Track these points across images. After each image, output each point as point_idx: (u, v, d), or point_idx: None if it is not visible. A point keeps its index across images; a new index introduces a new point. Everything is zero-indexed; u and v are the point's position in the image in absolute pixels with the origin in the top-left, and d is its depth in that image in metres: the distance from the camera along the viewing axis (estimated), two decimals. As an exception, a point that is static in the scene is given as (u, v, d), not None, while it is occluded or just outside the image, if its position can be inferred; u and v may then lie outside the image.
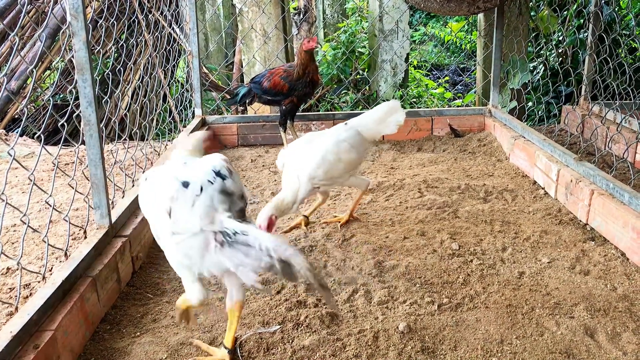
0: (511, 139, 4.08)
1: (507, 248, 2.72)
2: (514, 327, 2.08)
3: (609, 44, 3.92)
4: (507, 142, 4.17)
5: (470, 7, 4.08)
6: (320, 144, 2.75)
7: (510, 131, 4.23)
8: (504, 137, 4.26)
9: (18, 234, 3.02)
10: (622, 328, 2.07)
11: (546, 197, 3.37)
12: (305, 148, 2.77)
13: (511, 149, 4.07)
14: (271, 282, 2.43)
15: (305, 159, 2.71)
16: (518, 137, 4.05)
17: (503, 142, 4.30)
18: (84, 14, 2.20)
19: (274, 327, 2.10)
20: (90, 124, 2.30)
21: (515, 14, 5.62)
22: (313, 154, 2.71)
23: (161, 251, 2.67)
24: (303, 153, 2.74)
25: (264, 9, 5.43)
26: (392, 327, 2.08)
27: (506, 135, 4.21)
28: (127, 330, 2.12)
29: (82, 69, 2.24)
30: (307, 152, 2.74)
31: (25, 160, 4.43)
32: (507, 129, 4.32)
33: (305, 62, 3.98)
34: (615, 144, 4.13)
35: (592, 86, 4.79)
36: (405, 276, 2.45)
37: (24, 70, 5.83)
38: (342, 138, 2.78)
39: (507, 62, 5.42)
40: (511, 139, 4.08)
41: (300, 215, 3.07)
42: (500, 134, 4.38)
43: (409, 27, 6.91)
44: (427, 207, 3.22)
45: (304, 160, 2.71)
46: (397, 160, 4.19)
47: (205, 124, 4.66)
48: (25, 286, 2.44)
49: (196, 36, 4.51)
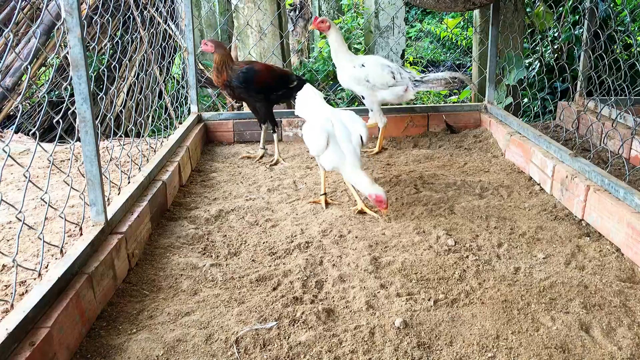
0: (507, 135, 4.09)
1: (502, 244, 2.72)
2: (509, 323, 2.09)
3: (604, 40, 3.92)
4: (503, 139, 4.17)
5: (465, 4, 4.08)
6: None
7: (506, 127, 4.24)
8: (500, 133, 4.27)
9: (13, 231, 3.01)
10: (617, 323, 2.08)
11: (542, 193, 3.37)
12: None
13: (507, 145, 4.08)
14: (267, 278, 2.44)
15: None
16: (514, 133, 4.05)
17: (499, 138, 4.31)
18: (79, 10, 2.19)
19: (271, 323, 2.10)
20: (85, 121, 2.29)
21: (511, 11, 5.62)
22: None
23: (157, 248, 2.68)
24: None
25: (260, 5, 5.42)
26: (388, 322, 2.08)
27: (502, 132, 4.22)
28: (123, 327, 2.12)
29: (77, 66, 2.23)
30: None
31: (20, 157, 4.41)
32: (502, 125, 4.33)
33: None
34: (611, 140, 4.14)
35: (587, 82, 4.79)
36: (401, 272, 2.46)
37: (19, 67, 5.81)
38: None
39: (502, 58, 5.42)
40: (507, 135, 4.09)
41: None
42: (496, 130, 4.39)
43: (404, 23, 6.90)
44: (423, 203, 3.23)
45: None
46: (393, 157, 4.19)
47: (201, 120, 4.65)
48: (21, 283, 2.43)
49: (192, 32, 4.49)
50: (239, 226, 3.00)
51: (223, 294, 2.33)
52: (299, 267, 2.51)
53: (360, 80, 4.04)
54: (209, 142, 4.68)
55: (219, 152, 4.42)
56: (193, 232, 2.88)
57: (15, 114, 6.02)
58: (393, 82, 4.01)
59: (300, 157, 4.24)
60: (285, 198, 3.38)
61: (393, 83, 4.02)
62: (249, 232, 2.92)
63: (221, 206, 3.23)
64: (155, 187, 3.04)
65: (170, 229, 2.94)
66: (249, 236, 2.88)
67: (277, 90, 4.07)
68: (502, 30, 5.27)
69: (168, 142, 3.74)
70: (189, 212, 3.17)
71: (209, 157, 4.30)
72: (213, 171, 3.94)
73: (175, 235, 2.85)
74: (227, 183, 3.68)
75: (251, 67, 3.96)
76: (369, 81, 4.01)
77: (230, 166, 4.06)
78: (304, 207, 3.23)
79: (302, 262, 2.55)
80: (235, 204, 3.27)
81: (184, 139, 4.02)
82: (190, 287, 2.38)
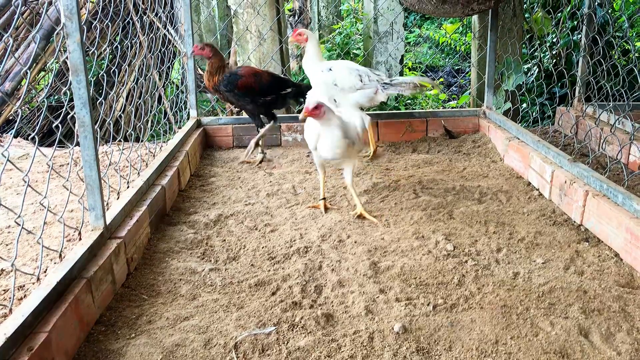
0: (505, 140, 4.09)
1: (501, 249, 2.72)
2: (508, 328, 2.09)
3: (603, 46, 3.94)
4: (502, 144, 4.18)
5: (464, 9, 4.10)
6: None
7: (505, 132, 4.25)
8: (499, 138, 4.28)
9: (12, 235, 3.01)
10: (616, 328, 2.08)
11: (540, 198, 3.38)
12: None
13: (505, 150, 4.09)
14: (266, 283, 2.44)
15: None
16: (512, 138, 4.06)
17: (497, 143, 4.32)
18: (78, 15, 2.20)
19: (269, 328, 2.10)
20: (84, 126, 2.30)
21: (510, 16, 5.64)
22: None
23: (156, 252, 2.68)
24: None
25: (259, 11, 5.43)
26: (387, 327, 2.08)
27: (500, 137, 4.23)
28: (122, 331, 2.11)
29: (77, 71, 2.23)
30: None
31: (19, 162, 4.41)
32: (501, 130, 4.34)
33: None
34: (609, 145, 4.15)
35: (585, 88, 4.80)
36: (400, 277, 2.46)
37: (18, 72, 5.81)
38: None
39: (501, 63, 5.44)
40: (505, 140, 4.09)
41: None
42: (495, 135, 4.39)
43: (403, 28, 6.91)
44: (422, 208, 3.23)
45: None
46: (392, 162, 4.20)
47: (200, 125, 4.66)
48: (20, 288, 2.43)
49: (191, 37, 4.50)
50: (238, 231, 3.00)
51: (222, 298, 2.32)
52: (298, 271, 2.51)
53: (329, 84, 4.07)
54: (208, 146, 4.68)
55: (218, 157, 4.43)
56: (192, 237, 2.88)
57: (15, 118, 6.02)
58: (360, 84, 4.04)
59: (300, 162, 4.24)
60: (284, 203, 3.39)
61: (360, 86, 4.04)
62: (248, 237, 2.92)
63: (220, 211, 3.23)
64: (155, 192, 3.04)
65: (169, 233, 2.94)
66: (248, 241, 2.88)
67: (264, 96, 4.09)
68: (500, 36, 5.29)
69: (167, 146, 3.74)
70: (188, 217, 3.17)
71: (208, 162, 4.30)
72: (212, 176, 3.94)
73: (174, 240, 2.85)
74: (226, 188, 3.68)
75: (235, 72, 4.05)
76: (337, 85, 4.04)
77: (229, 171, 4.06)
78: (303, 212, 3.23)
79: (301, 266, 2.55)
80: (235, 208, 3.27)
81: (183, 144, 4.03)
82: (189, 292, 2.38)
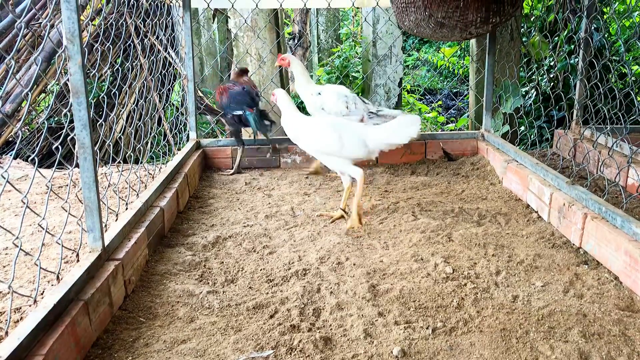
0: (504, 162, 4.11)
1: (500, 272, 2.71)
2: (508, 351, 2.07)
3: (599, 70, 3.97)
4: (500, 166, 4.19)
5: (462, 33, 4.14)
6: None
7: (503, 155, 4.26)
8: (497, 160, 4.29)
9: (10, 257, 2.99)
10: (617, 352, 2.06)
11: (539, 221, 3.38)
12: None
13: (504, 173, 4.10)
14: (264, 305, 2.42)
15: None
16: (511, 160, 4.08)
17: (496, 165, 4.33)
18: (80, 38, 2.22)
19: (267, 351, 2.08)
20: (84, 147, 2.31)
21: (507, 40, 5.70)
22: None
23: (154, 275, 2.66)
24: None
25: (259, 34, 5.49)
26: (386, 351, 2.07)
27: (499, 159, 4.24)
28: (119, 355, 2.10)
29: (77, 92, 2.25)
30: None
31: (18, 183, 4.41)
32: (500, 152, 4.35)
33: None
34: (607, 168, 4.16)
35: (583, 111, 4.84)
36: (399, 300, 2.44)
37: (19, 94, 5.85)
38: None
39: (499, 86, 5.48)
40: (504, 162, 4.11)
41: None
42: (493, 157, 4.41)
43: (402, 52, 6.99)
44: (421, 230, 3.22)
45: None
46: (390, 184, 4.20)
47: (199, 147, 4.67)
48: (16, 310, 2.41)
49: (191, 60, 4.55)
50: (236, 253, 2.99)
51: (220, 321, 2.31)
52: (297, 294, 2.49)
53: (317, 108, 4.14)
54: (207, 168, 4.69)
55: (217, 179, 4.43)
56: (190, 259, 2.87)
57: (15, 139, 6.04)
58: (346, 111, 4.10)
59: (299, 184, 4.25)
60: (283, 225, 3.38)
61: (346, 113, 4.10)
62: (246, 259, 2.91)
63: (218, 232, 3.22)
64: (153, 214, 3.03)
65: (167, 255, 2.93)
66: (246, 263, 2.87)
67: (225, 115, 4.46)
68: (498, 59, 5.34)
69: (166, 168, 3.75)
70: (186, 239, 3.16)
71: (207, 184, 4.30)
72: (211, 197, 3.94)
73: (172, 262, 2.84)
74: (224, 209, 3.68)
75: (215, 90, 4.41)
76: (324, 109, 4.11)
77: (228, 192, 4.06)
78: (302, 234, 3.22)
79: (299, 289, 2.54)
80: (233, 230, 3.26)
81: (183, 165, 4.03)
82: (186, 315, 2.36)
